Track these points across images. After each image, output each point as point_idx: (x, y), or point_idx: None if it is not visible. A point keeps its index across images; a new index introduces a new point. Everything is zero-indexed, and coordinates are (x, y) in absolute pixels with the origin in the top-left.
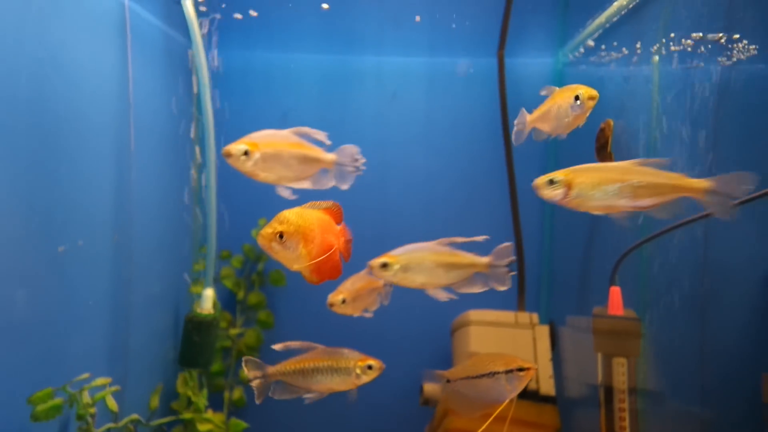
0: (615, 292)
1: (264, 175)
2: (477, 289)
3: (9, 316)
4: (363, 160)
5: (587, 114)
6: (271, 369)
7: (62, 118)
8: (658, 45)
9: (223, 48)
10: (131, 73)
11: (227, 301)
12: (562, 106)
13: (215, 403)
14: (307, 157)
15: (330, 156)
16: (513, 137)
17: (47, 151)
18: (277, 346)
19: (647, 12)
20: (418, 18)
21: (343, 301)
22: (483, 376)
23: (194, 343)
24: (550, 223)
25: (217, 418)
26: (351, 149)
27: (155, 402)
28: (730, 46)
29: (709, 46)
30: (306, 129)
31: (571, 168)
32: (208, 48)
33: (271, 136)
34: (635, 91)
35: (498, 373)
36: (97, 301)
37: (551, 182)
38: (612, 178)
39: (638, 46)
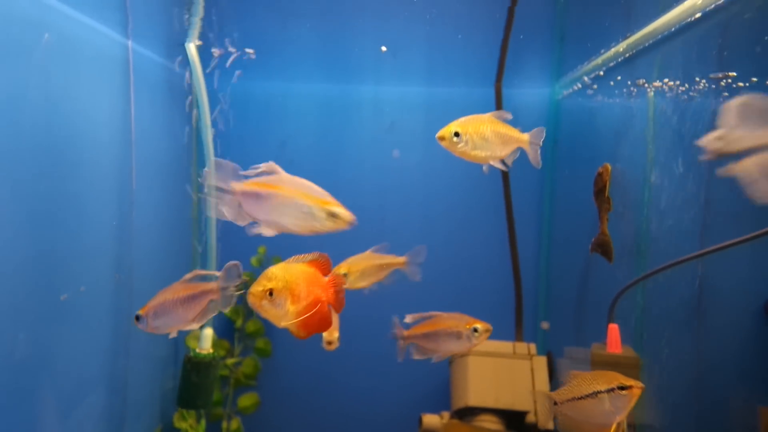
0: (613, 329)
1: (475, 153)
2: None
3: (11, 362)
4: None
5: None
6: (407, 333)
7: (66, 165)
8: (653, 86)
9: (224, 80)
10: (133, 111)
11: (225, 328)
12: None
13: None
14: (507, 135)
15: (524, 135)
16: None
17: (51, 200)
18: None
19: (643, 57)
20: (415, 48)
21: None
22: (586, 396)
23: (193, 384)
24: (547, 255)
25: None
26: (541, 131)
27: None
28: (723, 85)
29: (704, 86)
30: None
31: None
32: (210, 82)
33: (475, 119)
34: (630, 126)
35: (600, 392)
36: (98, 339)
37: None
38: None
39: (633, 89)
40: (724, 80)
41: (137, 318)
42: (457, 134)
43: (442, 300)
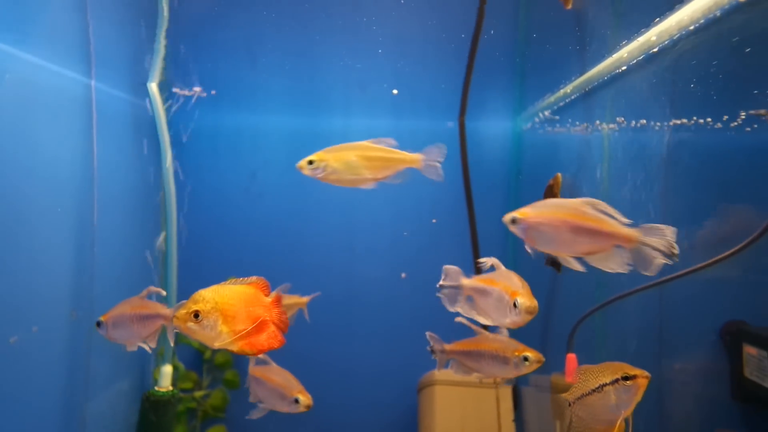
0: (571, 359)
1: (335, 177)
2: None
3: None
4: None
5: None
6: (448, 347)
7: (19, 204)
8: (606, 123)
9: (190, 115)
10: (96, 148)
11: (193, 360)
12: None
13: None
14: (386, 158)
15: (414, 156)
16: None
17: (4, 242)
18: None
19: (596, 97)
20: (384, 84)
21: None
22: (593, 391)
23: (151, 423)
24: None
25: None
26: (439, 148)
27: None
28: (675, 123)
29: (654, 123)
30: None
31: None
32: (177, 118)
33: (340, 147)
34: (587, 158)
35: (606, 385)
36: (53, 377)
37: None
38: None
39: (588, 124)
40: (674, 120)
41: (98, 324)
42: (311, 162)
43: (410, 330)
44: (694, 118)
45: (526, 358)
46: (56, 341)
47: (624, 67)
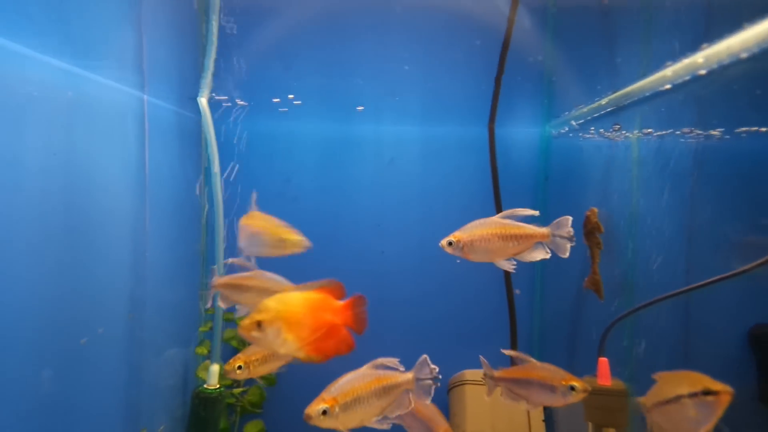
0: (603, 363)
1: (474, 257)
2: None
3: (37, 403)
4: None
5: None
6: (497, 373)
7: (85, 213)
8: (635, 134)
9: (231, 123)
10: (147, 158)
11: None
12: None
13: None
14: (520, 235)
15: (543, 230)
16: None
17: (74, 250)
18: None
19: (627, 110)
20: (412, 90)
21: (239, 368)
22: (671, 401)
23: (201, 418)
24: (541, 288)
25: None
26: (566, 220)
27: None
28: (703, 133)
29: (682, 135)
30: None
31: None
32: (219, 126)
33: (478, 225)
34: (616, 167)
35: (683, 397)
36: (115, 375)
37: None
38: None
39: (618, 135)
40: (697, 135)
41: (324, 412)
42: (450, 243)
43: (440, 330)
44: (721, 129)
45: (572, 388)
46: (118, 341)
47: (654, 91)
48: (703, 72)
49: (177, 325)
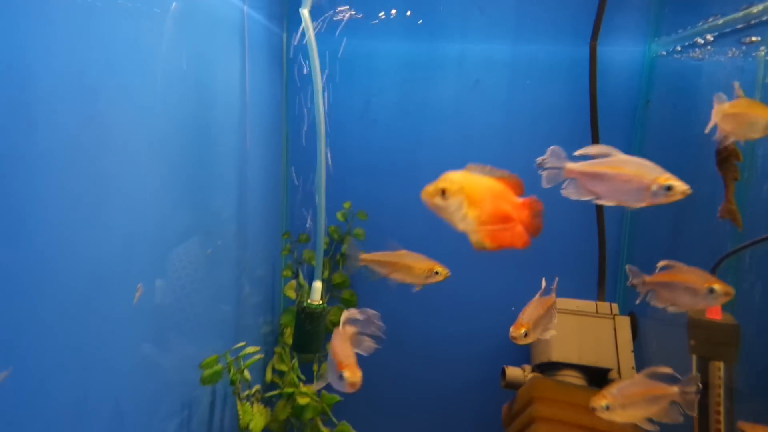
0: None
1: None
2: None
3: (181, 303)
4: None
5: None
6: (647, 278)
7: (208, 130)
8: (763, 51)
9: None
10: (248, 76)
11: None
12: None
13: (306, 376)
14: (654, 395)
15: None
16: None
17: (203, 164)
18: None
19: (760, 27)
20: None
21: (525, 335)
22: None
23: (306, 332)
24: (632, 214)
25: (308, 389)
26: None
27: (269, 375)
28: None
29: None
30: None
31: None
32: (299, 49)
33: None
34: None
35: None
36: (226, 289)
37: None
38: None
39: (742, 55)
40: None
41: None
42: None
43: (524, 259)
44: None
45: (712, 290)
46: (228, 254)
47: None
48: None
49: (267, 248)
